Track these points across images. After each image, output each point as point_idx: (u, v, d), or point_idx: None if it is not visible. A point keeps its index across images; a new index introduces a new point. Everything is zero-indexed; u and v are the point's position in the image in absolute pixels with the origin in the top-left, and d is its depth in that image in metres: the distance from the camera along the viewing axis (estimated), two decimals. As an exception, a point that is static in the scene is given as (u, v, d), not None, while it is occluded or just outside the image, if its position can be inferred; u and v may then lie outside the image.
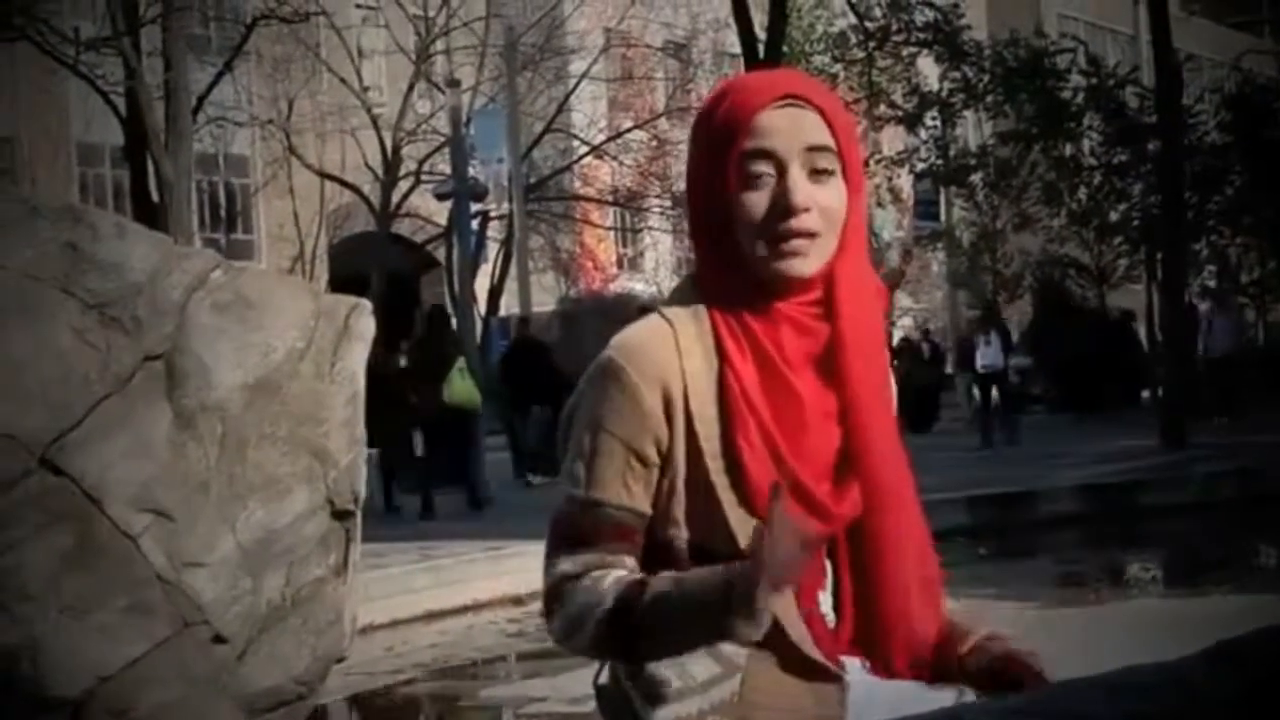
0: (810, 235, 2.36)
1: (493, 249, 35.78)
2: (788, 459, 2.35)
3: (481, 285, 33.00)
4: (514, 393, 20.35)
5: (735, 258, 2.40)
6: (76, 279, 5.19)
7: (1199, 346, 25.77)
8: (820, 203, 2.36)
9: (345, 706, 8.86)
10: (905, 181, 40.69)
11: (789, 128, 2.36)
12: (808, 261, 2.37)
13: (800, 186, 2.35)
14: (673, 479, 2.38)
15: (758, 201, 2.36)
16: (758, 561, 2.18)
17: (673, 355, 2.37)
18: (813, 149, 2.36)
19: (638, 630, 2.31)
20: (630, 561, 2.38)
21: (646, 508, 2.39)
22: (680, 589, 2.31)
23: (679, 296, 2.46)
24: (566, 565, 2.38)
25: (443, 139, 31.63)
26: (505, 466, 19.37)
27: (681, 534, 2.38)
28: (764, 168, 2.36)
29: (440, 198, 28.81)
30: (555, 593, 2.38)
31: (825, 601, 2.44)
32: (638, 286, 37.26)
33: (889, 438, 2.45)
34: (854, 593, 2.44)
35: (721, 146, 2.37)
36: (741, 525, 2.33)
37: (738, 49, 22.62)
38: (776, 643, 2.36)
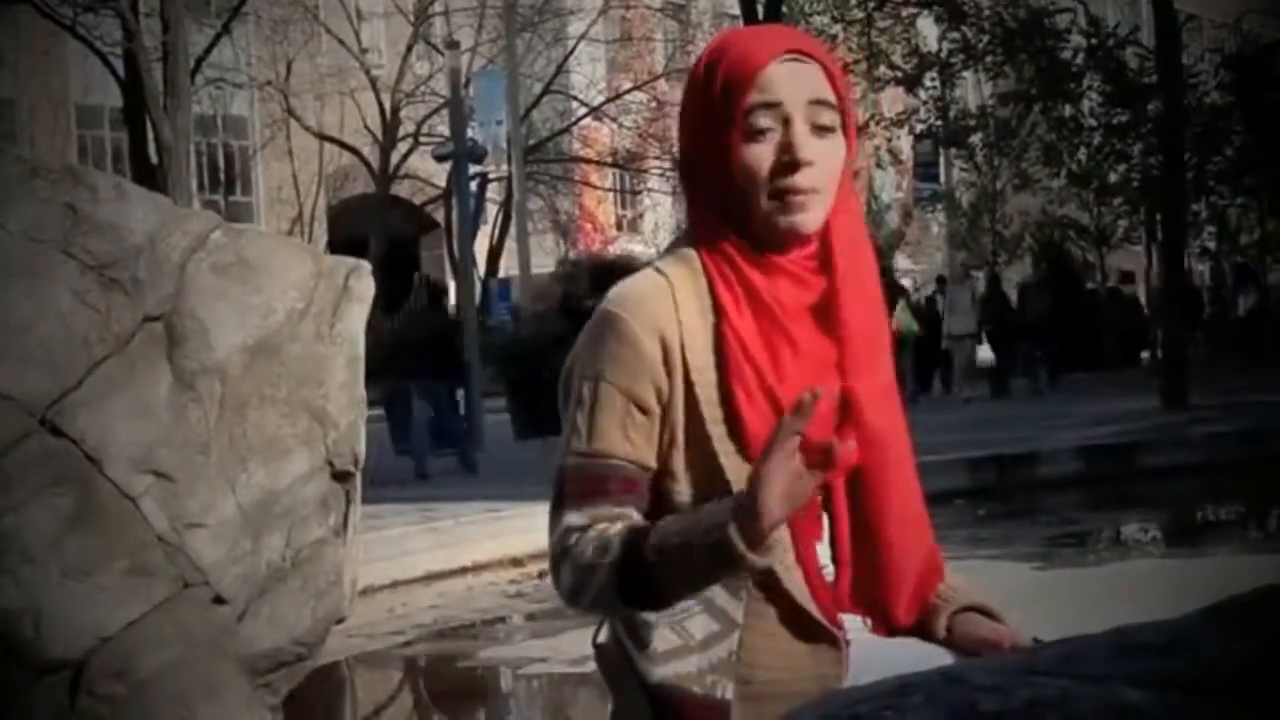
0: (813, 191, 2.36)
1: (492, 211, 35.79)
2: (786, 407, 2.35)
3: (480, 247, 32.97)
4: None
5: (732, 212, 2.40)
6: (76, 240, 5.18)
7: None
8: (822, 157, 2.37)
9: (345, 668, 8.88)
10: (905, 143, 40.61)
11: (793, 81, 2.37)
12: (809, 216, 2.37)
13: (805, 141, 2.36)
14: (672, 432, 2.38)
15: (762, 155, 2.36)
16: (762, 477, 2.19)
17: (669, 307, 2.37)
18: (815, 103, 2.37)
19: (648, 568, 2.29)
20: (636, 514, 2.37)
21: (650, 459, 2.38)
22: (687, 519, 2.30)
23: (674, 252, 2.47)
24: (573, 518, 2.37)
25: (441, 101, 31.57)
26: (504, 428, 19.32)
27: (682, 488, 2.38)
28: (768, 121, 2.36)
29: (439, 159, 28.78)
30: (562, 545, 2.37)
31: (823, 554, 2.44)
32: (637, 248, 37.22)
33: (885, 388, 2.45)
34: (852, 545, 2.45)
35: (726, 99, 2.37)
36: (738, 475, 2.33)
37: (736, 9, 22.55)
38: (775, 599, 2.37)
